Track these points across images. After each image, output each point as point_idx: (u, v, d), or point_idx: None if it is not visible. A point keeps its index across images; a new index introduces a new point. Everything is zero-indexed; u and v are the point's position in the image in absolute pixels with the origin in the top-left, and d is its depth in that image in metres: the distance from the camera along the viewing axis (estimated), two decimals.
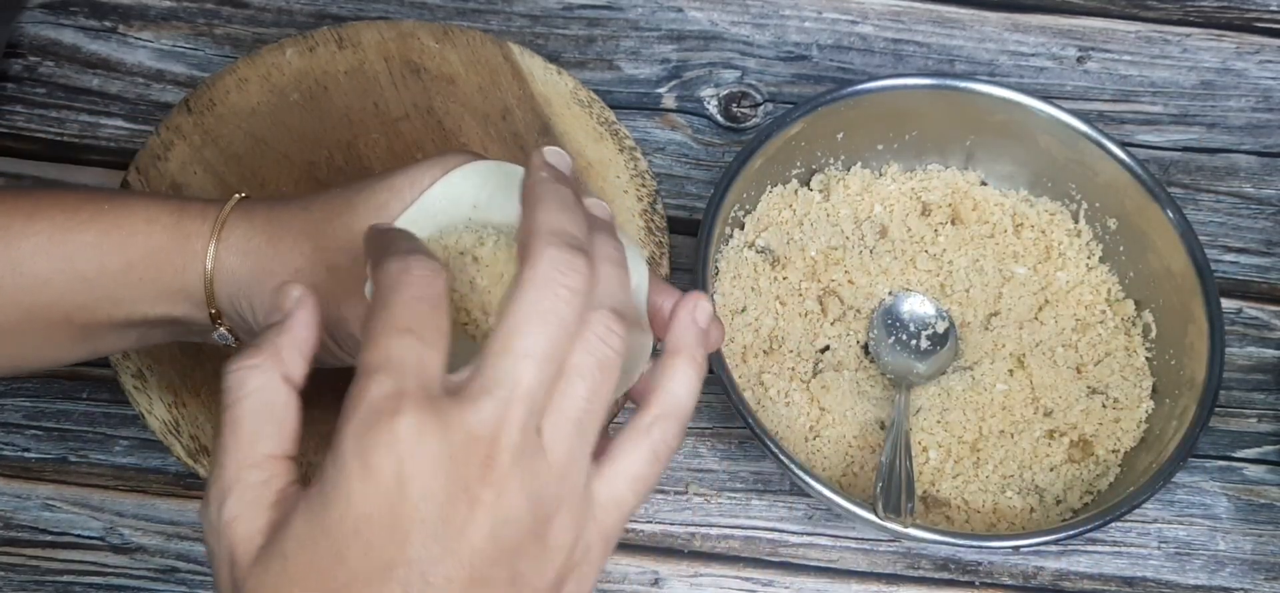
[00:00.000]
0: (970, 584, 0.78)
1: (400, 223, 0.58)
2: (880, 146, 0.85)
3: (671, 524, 0.79)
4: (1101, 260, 0.84)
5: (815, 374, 0.79)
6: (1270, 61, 0.96)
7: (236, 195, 0.61)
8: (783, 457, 0.72)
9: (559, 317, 0.47)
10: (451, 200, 0.59)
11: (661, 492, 0.79)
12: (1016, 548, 0.78)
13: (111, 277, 0.59)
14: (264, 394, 0.48)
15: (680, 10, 0.95)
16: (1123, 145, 0.81)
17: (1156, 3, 0.97)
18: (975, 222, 0.84)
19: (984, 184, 0.86)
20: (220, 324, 0.61)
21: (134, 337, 0.62)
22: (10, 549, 0.76)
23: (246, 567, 0.46)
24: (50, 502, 0.77)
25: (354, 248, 0.57)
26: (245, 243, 0.59)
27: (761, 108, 0.92)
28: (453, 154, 0.60)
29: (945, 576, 0.78)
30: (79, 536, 0.76)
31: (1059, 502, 0.77)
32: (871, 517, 0.70)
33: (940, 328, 0.81)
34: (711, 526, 0.79)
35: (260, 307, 0.59)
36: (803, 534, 0.79)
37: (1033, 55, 0.95)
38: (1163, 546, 0.80)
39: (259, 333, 0.50)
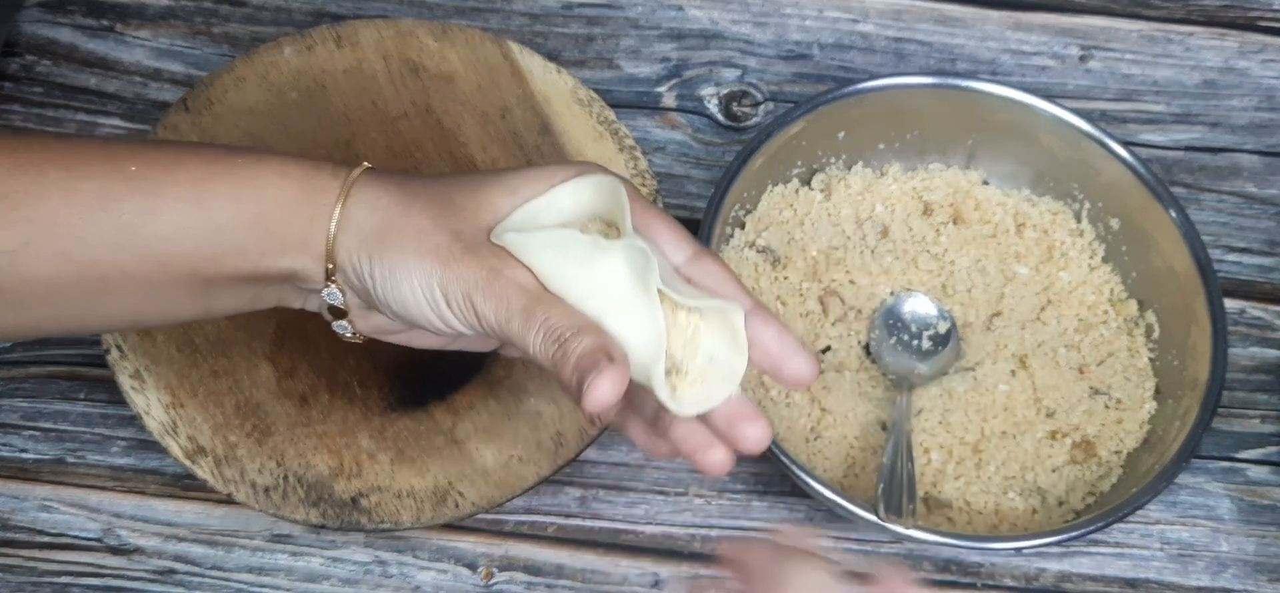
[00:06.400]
0: (972, 586, 0.78)
1: (526, 211, 0.61)
2: (882, 146, 0.85)
3: (671, 526, 0.79)
4: (1104, 260, 0.83)
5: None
6: (1273, 61, 0.95)
7: (364, 164, 0.64)
8: (783, 458, 0.71)
9: None
10: (559, 209, 0.62)
11: (662, 493, 0.79)
12: (1019, 550, 0.77)
13: (243, 226, 0.61)
14: None
15: (680, 9, 0.95)
16: (1125, 145, 0.81)
17: (1159, 1, 0.97)
18: (977, 221, 0.84)
19: (986, 184, 0.85)
20: (333, 281, 0.63)
21: (249, 296, 0.64)
22: (7, 550, 0.76)
23: None
24: (47, 502, 0.77)
25: (478, 218, 0.61)
26: (375, 199, 0.62)
27: (762, 107, 0.92)
28: (587, 163, 0.63)
29: (947, 577, 0.78)
30: (76, 536, 0.76)
31: (1061, 503, 0.77)
32: (873, 518, 0.70)
33: (942, 328, 0.81)
34: (711, 527, 0.79)
35: (380, 265, 0.61)
36: None
37: (1035, 54, 0.95)
38: (1165, 547, 0.80)
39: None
